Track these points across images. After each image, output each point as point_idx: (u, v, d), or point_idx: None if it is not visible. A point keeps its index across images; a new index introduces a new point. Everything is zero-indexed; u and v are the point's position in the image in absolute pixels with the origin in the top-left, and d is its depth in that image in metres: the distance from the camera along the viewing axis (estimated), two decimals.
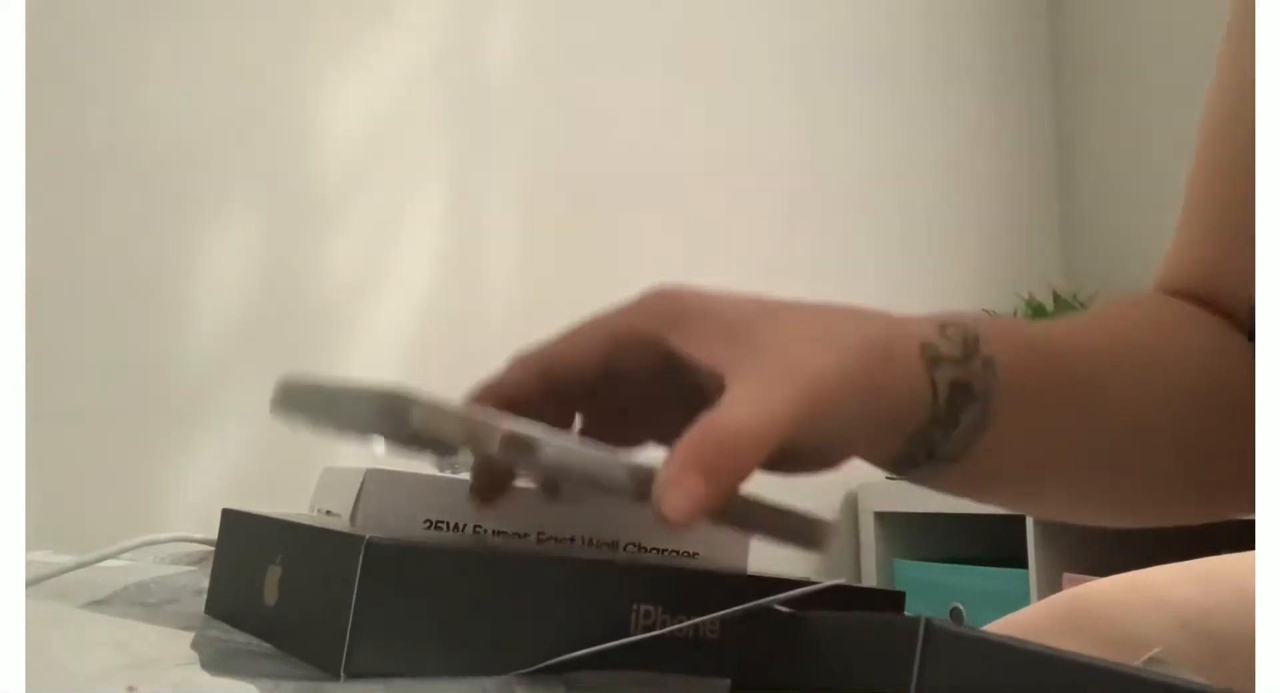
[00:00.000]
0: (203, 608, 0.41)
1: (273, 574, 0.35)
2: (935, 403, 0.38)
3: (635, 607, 0.33)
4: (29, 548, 0.50)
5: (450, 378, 1.78)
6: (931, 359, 0.38)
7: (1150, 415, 0.43)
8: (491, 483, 0.37)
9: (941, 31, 2.13)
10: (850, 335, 0.37)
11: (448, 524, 0.36)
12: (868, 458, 0.40)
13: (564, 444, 0.31)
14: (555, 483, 0.37)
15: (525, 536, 0.37)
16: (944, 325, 0.39)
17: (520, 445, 0.30)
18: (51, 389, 1.31)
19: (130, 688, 0.29)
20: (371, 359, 1.53)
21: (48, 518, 1.26)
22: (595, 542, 0.38)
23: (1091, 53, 2.18)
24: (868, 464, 0.40)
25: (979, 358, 0.39)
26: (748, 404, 0.34)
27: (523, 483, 0.37)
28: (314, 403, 0.34)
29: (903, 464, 0.40)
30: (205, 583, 0.42)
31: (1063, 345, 0.42)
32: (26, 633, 0.28)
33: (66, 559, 0.50)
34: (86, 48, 1.39)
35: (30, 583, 0.46)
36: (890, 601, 0.40)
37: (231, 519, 0.41)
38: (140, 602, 0.45)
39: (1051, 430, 0.41)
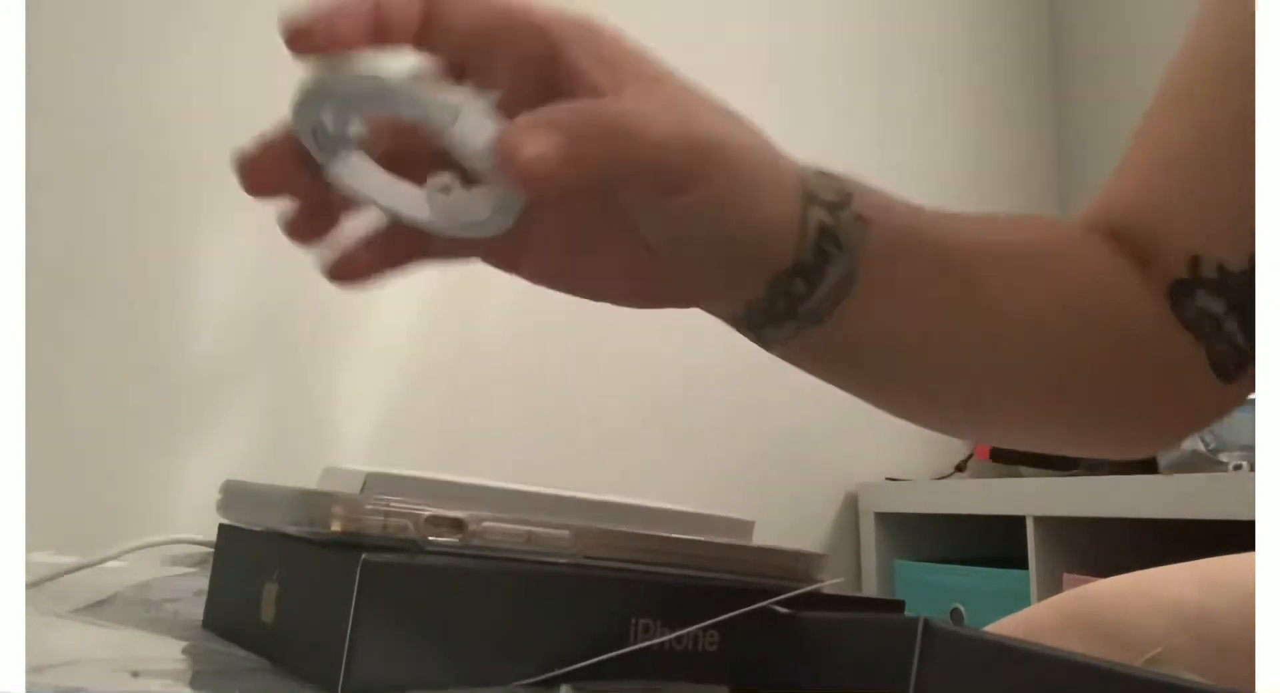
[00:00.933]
0: (202, 610, 0.41)
1: (270, 591, 0.35)
2: (802, 244, 0.35)
3: (635, 620, 0.33)
4: (30, 549, 0.50)
5: (450, 377, 1.77)
6: (807, 194, 0.36)
7: (1020, 323, 0.41)
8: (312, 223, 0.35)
9: (940, 32, 2.13)
10: (750, 129, 0.36)
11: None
12: (725, 299, 0.37)
13: (494, 517, 0.32)
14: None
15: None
16: (820, 172, 0.37)
17: (447, 525, 0.32)
18: (52, 390, 1.31)
19: (135, 673, 0.29)
20: (372, 359, 1.53)
21: (48, 519, 1.25)
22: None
23: (1092, 52, 2.18)
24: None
25: (850, 211, 0.36)
26: (634, 105, 0.31)
27: None
28: (251, 504, 0.37)
29: (762, 318, 0.37)
30: (205, 584, 0.42)
31: (938, 228, 0.40)
32: (27, 635, 0.28)
33: (67, 561, 0.50)
34: (86, 48, 1.39)
35: (31, 585, 0.46)
36: (889, 608, 0.40)
37: (229, 534, 0.40)
38: (141, 603, 0.45)
39: (915, 309, 0.39)
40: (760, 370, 0.84)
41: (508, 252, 0.37)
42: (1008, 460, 1.78)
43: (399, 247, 0.37)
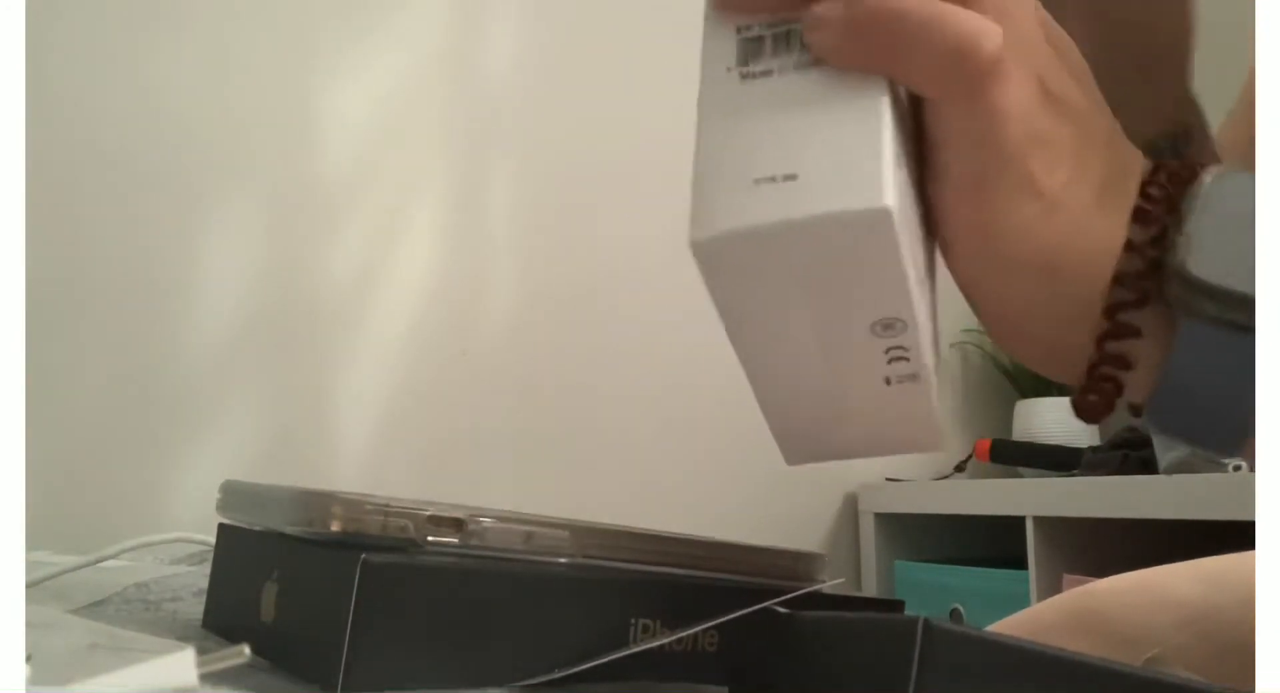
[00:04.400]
0: (202, 610, 0.41)
1: (269, 591, 0.34)
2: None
3: (635, 621, 0.33)
4: (29, 548, 0.50)
5: (450, 378, 1.77)
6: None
7: None
8: None
9: None
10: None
11: None
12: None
13: (494, 516, 0.33)
14: None
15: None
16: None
17: (447, 525, 0.32)
18: (52, 389, 1.31)
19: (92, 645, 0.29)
20: (372, 359, 1.53)
21: (48, 518, 1.25)
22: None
23: None
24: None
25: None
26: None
27: None
28: (250, 504, 0.37)
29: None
30: (205, 583, 0.42)
31: None
32: (27, 634, 0.28)
33: (67, 560, 0.50)
34: (86, 48, 1.39)
35: (31, 584, 0.46)
36: (889, 608, 0.40)
37: (228, 534, 0.40)
38: (140, 602, 0.45)
39: None
40: None
41: None
42: (1007, 461, 1.78)
43: None
